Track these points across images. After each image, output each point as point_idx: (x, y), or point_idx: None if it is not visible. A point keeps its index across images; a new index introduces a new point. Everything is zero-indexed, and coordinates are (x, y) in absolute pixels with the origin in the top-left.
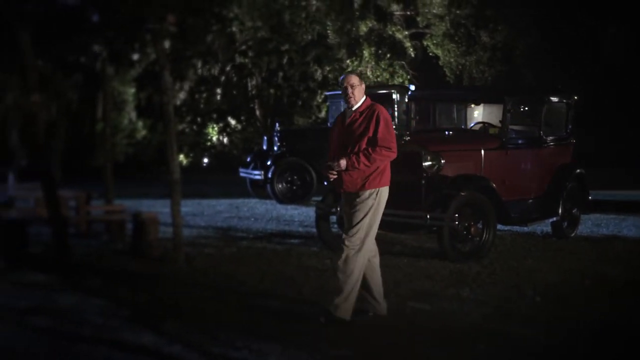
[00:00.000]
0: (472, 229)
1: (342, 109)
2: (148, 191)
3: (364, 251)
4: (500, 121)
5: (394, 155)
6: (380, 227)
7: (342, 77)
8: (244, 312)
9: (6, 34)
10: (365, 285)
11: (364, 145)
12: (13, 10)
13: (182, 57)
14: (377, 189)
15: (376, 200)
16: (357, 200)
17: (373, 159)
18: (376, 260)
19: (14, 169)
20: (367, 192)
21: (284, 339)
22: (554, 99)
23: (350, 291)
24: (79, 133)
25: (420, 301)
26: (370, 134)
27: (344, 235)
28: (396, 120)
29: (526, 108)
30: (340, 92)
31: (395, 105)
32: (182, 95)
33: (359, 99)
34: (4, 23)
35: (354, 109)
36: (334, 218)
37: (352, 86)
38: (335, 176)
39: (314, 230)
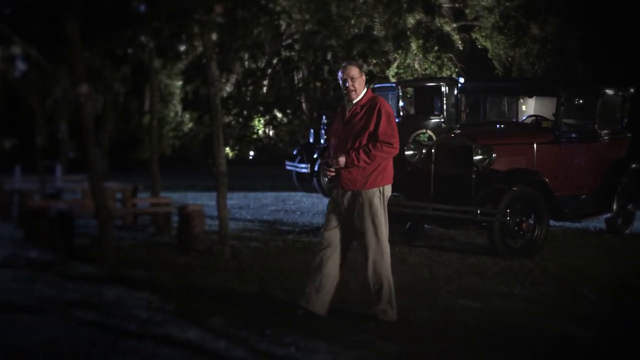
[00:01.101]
0: (524, 225)
1: (344, 104)
2: (194, 184)
3: (386, 253)
4: (553, 114)
5: (395, 152)
6: (429, 221)
7: (342, 67)
8: (290, 307)
9: (55, 26)
10: (315, 276)
11: (364, 141)
12: (62, 1)
13: (230, 49)
14: (381, 187)
15: (381, 200)
16: (361, 201)
17: (373, 155)
18: (329, 254)
19: (62, 161)
20: (371, 192)
21: (331, 336)
22: (609, 92)
23: (390, 294)
24: (126, 126)
25: (471, 299)
26: (371, 128)
27: (364, 244)
28: (445, 113)
29: (580, 101)
30: (387, 84)
31: (444, 98)
32: (228, 88)
33: (360, 92)
34: (52, 15)
35: (354, 102)
36: None
37: (352, 78)
38: (334, 174)
39: None
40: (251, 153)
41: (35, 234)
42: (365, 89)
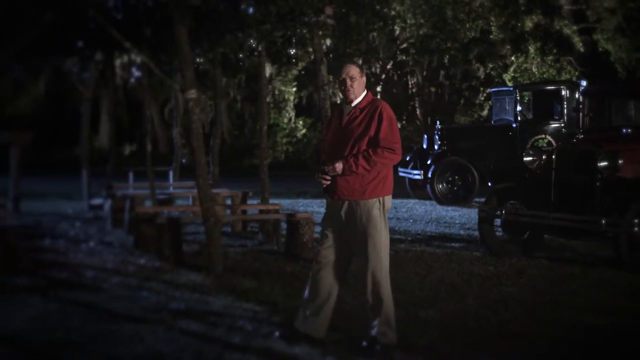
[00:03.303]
0: None
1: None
2: (306, 190)
3: (385, 268)
4: None
5: (397, 159)
6: (549, 231)
7: (341, 66)
8: (401, 322)
9: (164, 31)
10: (312, 298)
11: (363, 146)
12: (173, 4)
13: (343, 54)
14: (381, 197)
15: (381, 210)
16: (359, 212)
17: (374, 161)
18: (326, 273)
19: (174, 167)
20: (370, 202)
21: (449, 354)
22: None
23: (389, 314)
24: (240, 132)
25: (596, 316)
26: (372, 133)
27: (363, 259)
28: (565, 117)
29: None
30: (505, 88)
31: (565, 102)
32: (341, 94)
33: (359, 94)
34: (162, 19)
35: (353, 104)
36: (498, 221)
37: (351, 78)
38: (329, 182)
39: (477, 233)
40: None
41: (144, 240)
42: (365, 91)
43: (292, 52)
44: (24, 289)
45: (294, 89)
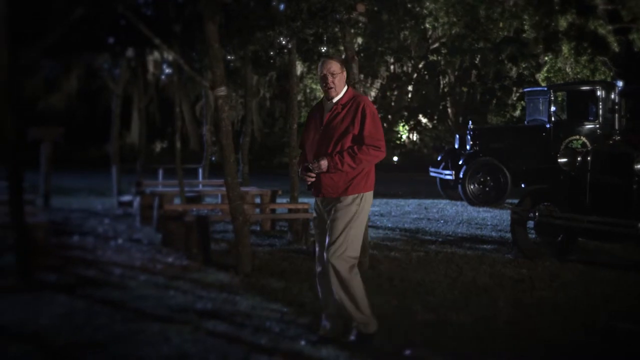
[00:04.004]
0: None
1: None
2: None
3: (354, 264)
4: None
5: (382, 156)
6: (583, 234)
7: (321, 61)
8: (431, 325)
9: (194, 27)
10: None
11: (347, 144)
12: (203, 1)
13: (375, 53)
14: (362, 194)
15: (360, 207)
16: (338, 206)
17: (359, 159)
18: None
19: (204, 164)
20: (350, 198)
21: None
22: None
23: (364, 305)
24: (271, 130)
25: (633, 322)
26: (356, 130)
27: (327, 255)
28: (600, 118)
29: None
30: (538, 88)
31: (600, 103)
32: (373, 93)
33: (340, 90)
34: (192, 16)
35: (334, 100)
36: (531, 223)
37: (332, 74)
38: (314, 179)
39: (509, 235)
40: (395, 158)
41: (172, 238)
42: (346, 87)
43: (323, 50)
44: (51, 286)
45: None
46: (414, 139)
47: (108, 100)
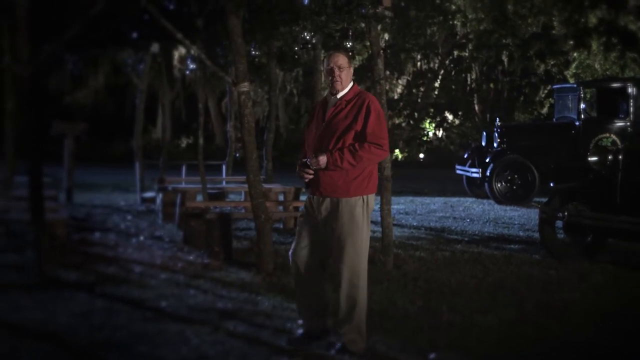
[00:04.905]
0: None
1: (328, 98)
2: None
3: (363, 272)
4: None
5: (385, 155)
6: (614, 235)
7: (328, 54)
8: (456, 328)
9: (220, 22)
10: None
11: (349, 141)
12: None
13: (402, 49)
14: (365, 196)
15: (364, 209)
16: (340, 210)
17: (359, 157)
18: (308, 278)
19: (227, 161)
20: (353, 200)
21: None
22: None
23: (361, 321)
24: (296, 126)
25: None
26: (359, 127)
27: (340, 260)
28: (631, 115)
29: None
30: (568, 85)
31: (631, 100)
32: (399, 89)
33: (346, 85)
34: (215, 10)
35: (339, 96)
36: (559, 223)
37: (339, 67)
38: (312, 176)
39: (537, 235)
40: (421, 155)
41: (194, 235)
42: (352, 83)
43: (349, 46)
44: (71, 284)
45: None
46: (441, 135)
47: (135, 96)
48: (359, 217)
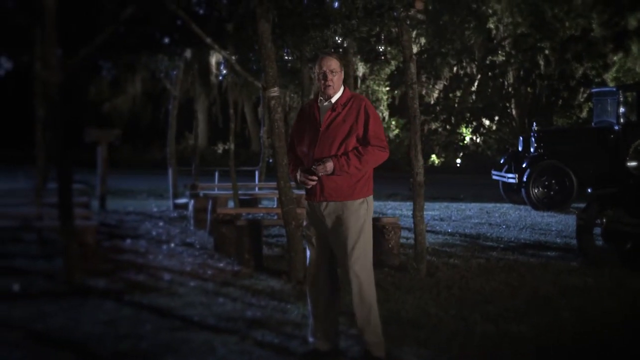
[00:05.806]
0: None
1: (315, 102)
2: (396, 192)
3: (371, 273)
4: None
5: (386, 156)
6: None
7: (320, 58)
8: (490, 337)
9: (250, 26)
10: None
11: (352, 144)
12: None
13: (438, 54)
14: (366, 197)
15: (366, 211)
16: (346, 213)
17: (365, 160)
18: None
19: (260, 167)
20: (357, 203)
21: None
22: None
23: (378, 323)
24: None
25: None
26: (360, 131)
27: (349, 264)
28: None
29: None
30: (607, 89)
31: None
32: (435, 94)
33: (338, 89)
34: (247, 14)
35: (333, 100)
36: (598, 230)
37: (332, 72)
38: (315, 182)
39: (574, 242)
40: (457, 161)
41: (224, 242)
42: (343, 87)
43: (381, 50)
44: (99, 292)
45: (387, 89)
46: (478, 141)
47: (169, 102)
48: (364, 218)
